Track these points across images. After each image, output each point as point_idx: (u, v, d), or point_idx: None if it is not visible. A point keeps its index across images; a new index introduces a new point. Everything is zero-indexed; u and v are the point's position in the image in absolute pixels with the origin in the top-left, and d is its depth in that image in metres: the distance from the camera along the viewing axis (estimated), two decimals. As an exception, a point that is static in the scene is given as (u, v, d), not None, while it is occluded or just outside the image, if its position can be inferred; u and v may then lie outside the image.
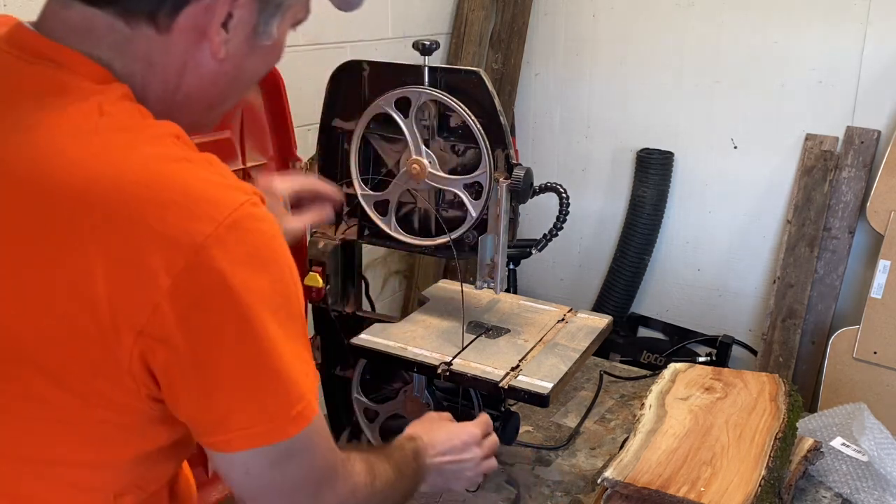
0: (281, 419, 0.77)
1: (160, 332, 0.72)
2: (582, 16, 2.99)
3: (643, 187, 2.92)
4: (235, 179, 0.78)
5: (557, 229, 1.34)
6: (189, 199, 0.72)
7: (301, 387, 0.78)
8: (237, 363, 0.75)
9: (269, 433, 0.77)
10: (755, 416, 1.39)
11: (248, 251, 0.73)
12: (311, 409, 0.78)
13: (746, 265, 2.87)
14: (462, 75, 1.31)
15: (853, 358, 2.43)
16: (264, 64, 0.88)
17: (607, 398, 1.71)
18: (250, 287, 0.73)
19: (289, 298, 0.78)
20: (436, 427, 1.20)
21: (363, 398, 1.47)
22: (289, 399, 0.77)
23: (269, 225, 0.76)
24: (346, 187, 1.44)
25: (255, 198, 0.76)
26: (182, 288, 0.71)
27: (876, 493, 1.34)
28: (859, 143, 2.57)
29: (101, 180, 0.72)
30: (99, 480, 0.80)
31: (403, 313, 2.17)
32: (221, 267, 0.71)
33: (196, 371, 0.74)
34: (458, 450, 1.18)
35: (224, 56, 0.82)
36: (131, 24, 0.78)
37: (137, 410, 0.77)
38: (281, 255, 0.77)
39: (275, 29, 0.84)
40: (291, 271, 0.78)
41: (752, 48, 2.69)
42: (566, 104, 3.10)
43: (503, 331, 1.43)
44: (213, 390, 0.76)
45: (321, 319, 1.52)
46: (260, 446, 0.78)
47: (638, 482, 1.20)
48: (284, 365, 0.76)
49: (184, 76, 0.82)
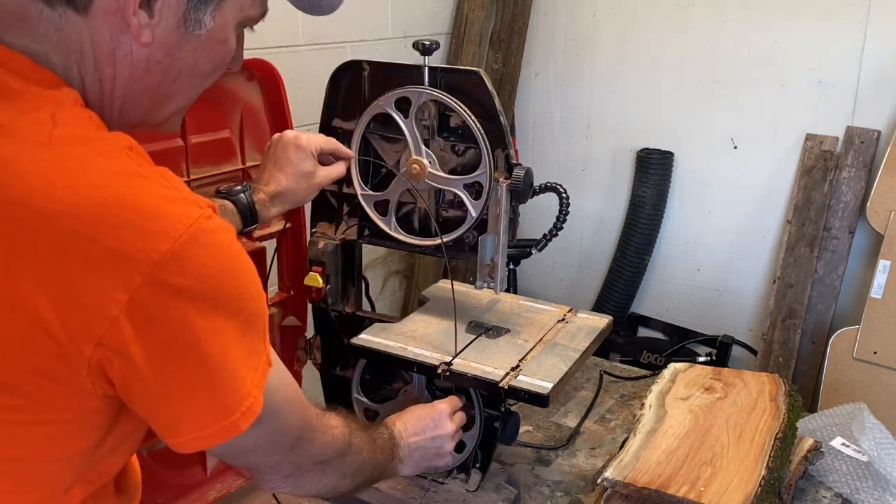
0: (230, 419, 0.80)
1: (117, 345, 0.73)
2: (582, 16, 2.99)
3: (643, 187, 2.92)
4: (189, 193, 0.79)
5: (557, 229, 1.34)
6: (144, 217, 0.73)
7: (247, 385, 0.80)
8: (191, 374, 0.77)
9: (219, 433, 0.80)
10: (755, 416, 1.39)
11: (204, 264, 0.75)
12: (257, 403, 0.81)
13: (746, 265, 2.87)
14: (462, 75, 1.31)
15: (853, 358, 2.43)
16: (208, 58, 0.88)
17: (607, 398, 1.71)
18: (205, 299, 0.76)
19: (247, 301, 0.80)
20: (406, 412, 1.28)
21: (363, 398, 1.47)
22: (236, 400, 0.80)
23: (224, 234, 0.78)
24: (347, 187, 1.44)
25: (208, 210, 0.77)
26: (139, 303, 0.72)
27: (876, 493, 1.34)
28: (859, 143, 2.57)
29: (56, 198, 0.72)
30: (51, 475, 0.81)
31: (403, 313, 2.17)
32: (177, 282, 0.73)
33: (151, 381, 0.76)
34: (431, 427, 1.26)
35: (150, 41, 0.81)
36: (52, 5, 0.78)
37: (93, 409, 0.79)
38: (238, 260, 0.79)
39: (208, 18, 0.84)
40: (249, 274, 0.80)
41: (752, 48, 2.69)
42: (566, 104, 3.10)
43: (503, 331, 1.43)
44: (166, 399, 0.78)
45: (321, 319, 1.51)
46: (212, 446, 0.81)
47: (638, 482, 1.20)
48: (234, 369, 0.79)
49: (116, 66, 0.82)
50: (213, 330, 0.77)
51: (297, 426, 0.95)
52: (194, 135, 1.39)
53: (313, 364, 1.57)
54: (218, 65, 0.90)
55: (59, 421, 0.78)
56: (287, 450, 0.95)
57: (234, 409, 0.80)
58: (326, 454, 1.02)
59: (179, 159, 1.38)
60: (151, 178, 0.77)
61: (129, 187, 0.75)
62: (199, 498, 1.50)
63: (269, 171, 1.31)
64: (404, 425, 1.25)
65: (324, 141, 1.35)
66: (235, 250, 0.79)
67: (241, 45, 0.95)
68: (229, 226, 0.80)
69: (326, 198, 1.47)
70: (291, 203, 1.34)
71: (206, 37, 0.85)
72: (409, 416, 1.27)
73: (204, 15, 0.84)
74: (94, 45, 0.81)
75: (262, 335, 0.83)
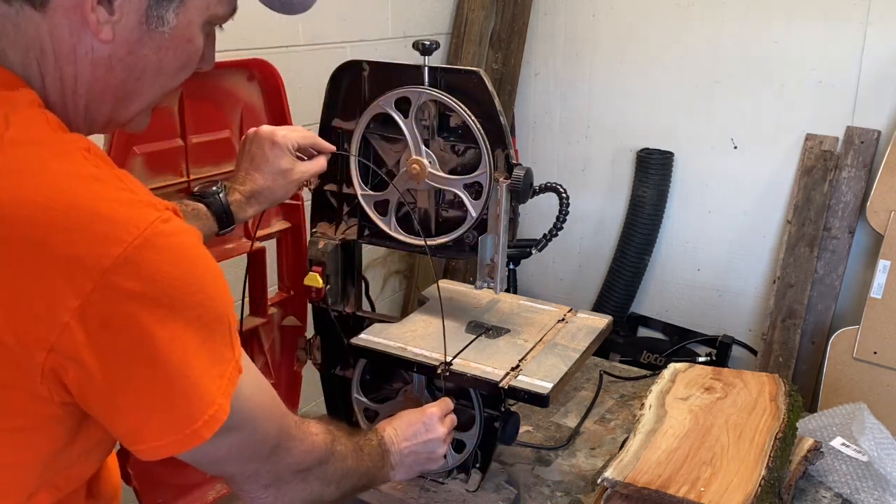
0: (192, 427, 0.78)
1: (70, 351, 0.72)
2: (582, 16, 2.99)
3: (643, 187, 2.92)
4: (147, 195, 0.77)
5: (557, 229, 1.34)
6: (96, 221, 0.72)
7: (211, 393, 0.79)
8: (148, 381, 0.76)
9: (181, 442, 0.78)
10: (755, 416, 1.39)
11: (160, 268, 0.74)
12: (222, 410, 0.79)
13: (746, 265, 2.87)
14: (462, 75, 1.31)
15: (853, 358, 2.43)
16: (173, 56, 0.86)
17: (607, 398, 1.71)
18: (161, 304, 0.74)
19: (207, 307, 0.78)
20: (396, 417, 1.27)
21: (363, 398, 1.47)
22: (199, 408, 0.78)
23: (183, 238, 0.76)
24: (346, 187, 1.44)
25: (166, 213, 0.75)
26: (90, 309, 0.71)
27: (876, 493, 1.34)
28: (859, 143, 2.57)
29: (6, 201, 0.71)
30: (13, 481, 0.80)
31: (403, 313, 2.17)
32: (130, 288, 0.72)
33: (107, 389, 0.75)
34: (422, 432, 1.25)
35: (110, 38, 0.80)
36: (8, 1, 0.77)
37: (52, 416, 0.77)
38: (198, 264, 0.77)
39: (171, 15, 0.82)
40: (211, 277, 0.79)
41: (752, 48, 2.69)
42: (566, 104, 3.10)
43: (503, 331, 1.43)
44: (124, 407, 0.77)
45: (321, 319, 1.52)
46: (174, 454, 0.80)
47: (638, 482, 1.20)
48: (195, 376, 0.77)
49: (77, 64, 0.81)
50: (171, 337, 0.75)
51: (273, 434, 0.93)
52: (194, 135, 1.39)
53: (313, 364, 1.57)
54: (185, 63, 0.88)
55: (17, 428, 0.77)
56: (263, 458, 0.93)
57: (195, 418, 0.78)
58: (306, 462, 0.99)
59: (179, 159, 1.38)
60: (107, 180, 0.75)
61: (82, 190, 0.73)
62: (198, 498, 1.50)
63: (244, 170, 1.28)
64: (395, 431, 1.24)
65: (300, 136, 1.31)
66: (194, 255, 0.77)
67: (212, 43, 0.93)
68: (191, 229, 0.78)
69: (326, 198, 1.47)
70: (269, 202, 1.31)
71: (170, 35, 0.84)
72: (399, 421, 1.26)
73: (167, 12, 0.82)
74: (53, 42, 0.79)
75: (227, 341, 0.81)
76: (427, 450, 1.25)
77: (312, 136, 1.34)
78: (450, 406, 1.32)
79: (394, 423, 1.25)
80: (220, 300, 0.80)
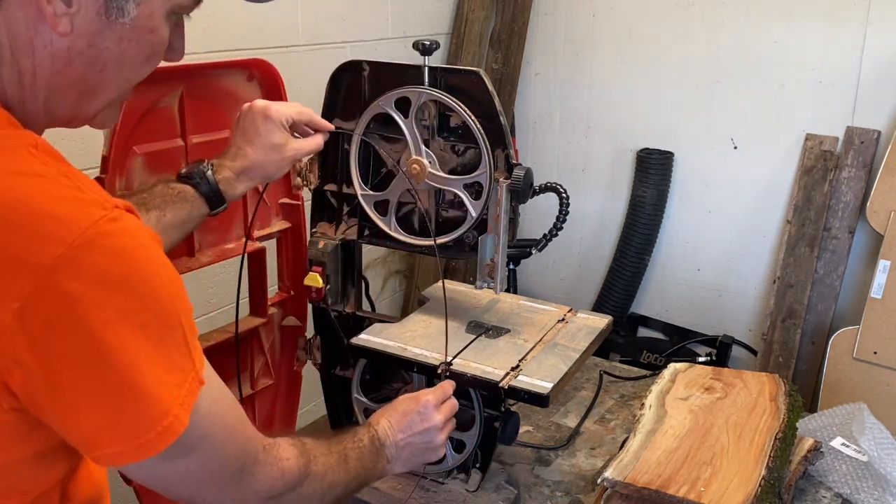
0: (145, 437, 0.75)
1: (13, 353, 0.70)
2: (582, 16, 2.99)
3: (643, 187, 2.92)
4: (95, 192, 0.75)
5: (557, 229, 1.34)
6: (37, 220, 0.69)
7: (166, 402, 0.75)
8: (94, 387, 0.73)
9: (135, 451, 0.75)
10: (755, 416, 1.39)
11: (104, 269, 0.71)
12: (179, 422, 0.76)
13: (746, 265, 2.87)
14: (462, 75, 1.31)
15: (853, 358, 2.43)
16: (136, 48, 0.83)
17: (607, 398, 1.71)
18: (106, 307, 0.71)
19: (158, 312, 0.75)
20: (390, 408, 1.23)
21: (363, 398, 1.47)
22: (152, 416, 0.75)
23: (130, 238, 0.74)
24: (346, 187, 1.44)
25: (114, 212, 0.73)
26: (31, 311, 0.69)
27: (876, 493, 1.34)
28: (859, 143, 2.57)
29: None
30: None
31: (403, 313, 2.17)
32: (71, 289, 0.69)
33: (53, 394, 0.72)
34: (418, 422, 1.20)
35: (68, 31, 0.78)
36: None
37: (2, 422, 0.75)
38: (147, 266, 0.74)
39: (131, 6, 0.80)
40: (162, 281, 0.75)
41: (752, 48, 2.69)
42: (566, 104, 3.10)
43: (503, 331, 1.43)
44: (71, 412, 0.74)
45: (321, 319, 1.52)
46: (128, 464, 0.77)
47: (638, 482, 1.20)
48: (147, 383, 0.74)
49: (35, 57, 0.78)
50: (118, 342, 0.72)
51: (236, 457, 0.88)
52: (194, 135, 1.39)
53: (313, 364, 1.57)
54: (149, 55, 0.85)
55: None
56: (225, 483, 0.88)
57: (149, 427, 0.75)
58: (276, 488, 0.93)
59: (179, 159, 1.38)
60: (52, 177, 0.73)
61: (24, 187, 0.71)
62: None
63: (236, 145, 1.24)
64: (389, 423, 1.19)
65: (296, 112, 1.27)
66: (143, 257, 0.74)
67: (181, 33, 0.90)
68: (141, 230, 0.75)
69: (326, 198, 1.47)
70: (261, 178, 1.27)
71: (132, 26, 0.81)
72: (393, 412, 1.21)
73: (126, 3, 0.79)
74: (9, 35, 0.77)
75: (184, 351, 0.78)
76: (424, 440, 1.21)
77: (309, 113, 1.30)
78: (447, 392, 1.26)
79: (388, 415, 1.21)
80: (172, 307, 0.76)
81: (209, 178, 1.21)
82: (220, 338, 1.48)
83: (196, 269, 1.43)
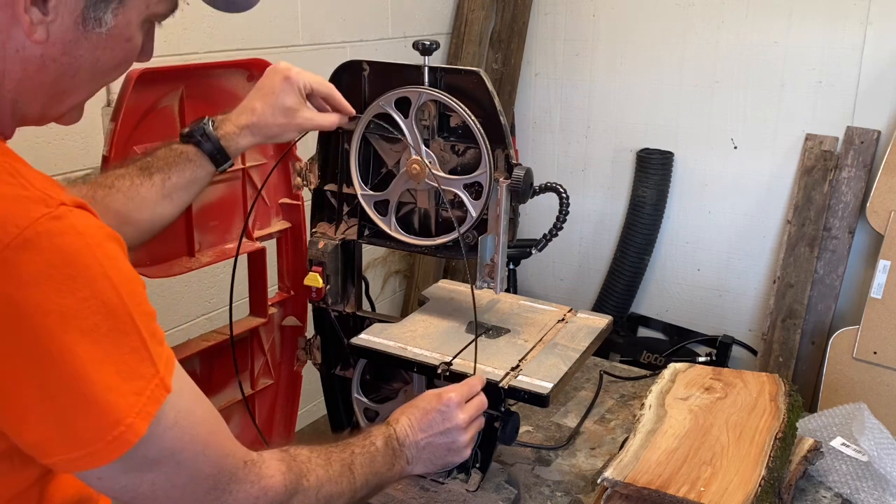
0: (95, 446, 0.72)
1: None
2: (582, 16, 2.99)
3: (643, 187, 2.92)
4: (41, 190, 0.72)
5: (557, 229, 1.34)
6: None
7: (118, 410, 0.72)
8: (40, 394, 0.70)
9: (86, 459, 0.73)
10: (755, 416, 1.39)
11: (45, 270, 0.68)
12: (133, 432, 0.73)
13: (746, 265, 2.87)
14: (462, 75, 1.31)
15: (853, 358, 2.43)
16: (110, 55, 0.83)
17: (607, 398, 1.71)
18: (48, 310, 0.68)
19: (108, 314, 0.72)
20: (413, 404, 1.17)
21: (363, 398, 1.47)
22: (103, 425, 0.72)
23: (74, 237, 0.71)
24: (346, 187, 1.44)
25: (59, 209, 0.70)
26: None
27: (876, 493, 1.34)
28: (859, 143, 2.57)
29: None
30: None
31: (403, 313, 2.17)
32: (8, 291, 0.67)
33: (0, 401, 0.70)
34: (439, 421, 1.15)
35: (44, 39, 0.77)
36: None
37: None
38: (93, 267, 0.71)
39: (109, 16, 0.79)
40: (112, 282, 0.72)
41: (752, 48, 2.69)
42: (566, 104, 3.10)
43: (503, 331, 1.43)
44: (20, 419, 0.72)
45: (321, 319, 1.52)
46: (82, 471, 0.75)
47: (638, 482, 1.20)
48: (96, 390, 0.71)
49: (6, 61, 0.77)
50: (61, 347, 0.69)
51: (209, 474, 0.83)
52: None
53: (313, 364, 1.57)
54: (121, 61, 0.85)
55: None
56: (198, 502, 0.83)
57: (97, 437, 0.72)
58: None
59: (179, 159, 1.38)
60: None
61: None
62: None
63: (247, 100, 1.23)
64: (409, 421, 1.14)
65: (317, 81, 1.25)
66: (88, 257, 0.71)
67: (151, 37, 0.90)
68: (92, 227, 0.73)
69: (326, 198, 1.48)
70: (263, 136, 1.23)
71: (108, 35, 0.80)
72: (414, 409, 1.16)
73: (104, 14, 0.79)
74: None
75: (143, 356, 0.74)
76: (446, 440, 1.15)
77: (330, 88, 1.27)
78: (474, 388, 1.20)
79: (409, 412, 1.15)
80: (123, 309, 0.73)
81: (209, 135, 1.19)
82: (220, 338, 1.48)
83: (196, 269, 1.43)
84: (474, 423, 1.19)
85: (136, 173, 1.16)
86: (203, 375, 1.48)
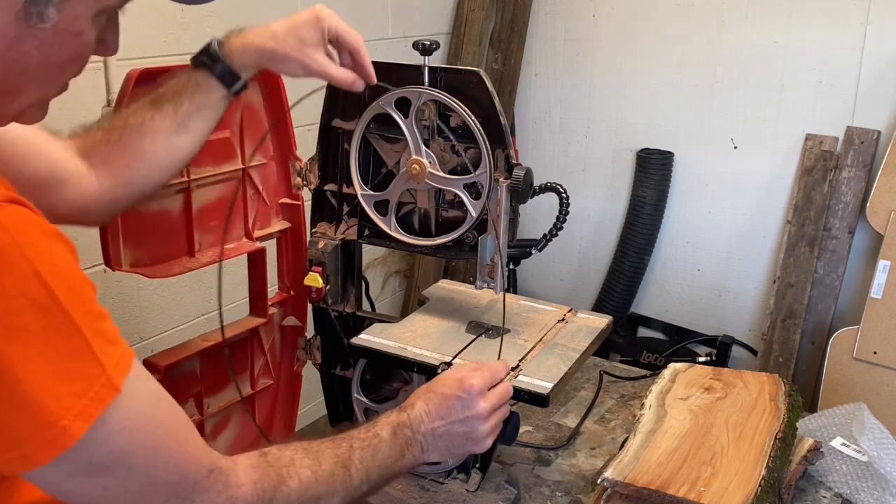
0: (30, 446, 0.71)
1: None
2: (582, 16, 2.99)
3: (643, 187, 2.92)
4: None
5: (557, 229, 1.34)
6: None
7: (51, 412, 0.70)
8: None
9: (20, 460, 0.71)
10: (755, 416, 1.39)
11: None
12: (68, 434, 0.70)
13: (746, 265, 2.87)
14: (462, 75, 1.31)
15: (853, 358, 2.43)
16: (59, 51, 0.79)
17: (607, 398, 1.71)
18: None
19: (40, 314, 0.69)
20: (431, 388, 1.12)
21: (363, 398, 1.47)
22: (35, 426, 0.70)
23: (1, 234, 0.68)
24: (346, 187, 1.44)
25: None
26: None
27: (876, 493, 1.34)
28: (859, 143, 2.57)
29: None
30: None
31: (403, 313, 2.17)
32: None
33: None
34: (459, 408, 1.09)
35: None
36: None
37: None
38: (21, 266, 0.69)
39: (52, 11, 0.75)
40: (43, 281, 0.70)
41: (752, 48, 2.69)
42: (566, 104, 3.10)
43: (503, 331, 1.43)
44: None
45: (321, 319, 1.52)
46: (20, 472, 0.73)
47: (638, 482, 1.20)
48: (27, 390, 0.69)
49: None
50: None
51: (166, 481, 0.79)
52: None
53: (313, 364, 1.57)
54: (74, 56, 0.81)
55: None
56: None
57: (29, 438, 0.70)
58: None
59: (179, 159, 1.38)
60: None
61: None
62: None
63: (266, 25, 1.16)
64: (426, 407, 1.09)
65: (347, 31, 1.16)
66: (17, 254, 0.69)
67: (114, 28, 0.85)
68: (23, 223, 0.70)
69: (326, 198, 1.48)
70: (268, 59, 1.15)
71: (53, 30, 0.76)
72: (433, 394, 1.10)
73: (46, 9, 0.75)
74: None
75: (86, 356, 0.72)
76: (465, 429, 1.09)
77: (358, 42, 1.18)
78: (497, 375, 1.14)
79: (426, 397, 1.10)
80: (57, 308, 0.70)
81: (213, 53, 1.13)
82: (220, 338, 1.48)
83: (196, 269, 1.43)
84: (497, 413, 1.14)
85: (147, 108, 1.13)
86: (203, 375, 1.49)
